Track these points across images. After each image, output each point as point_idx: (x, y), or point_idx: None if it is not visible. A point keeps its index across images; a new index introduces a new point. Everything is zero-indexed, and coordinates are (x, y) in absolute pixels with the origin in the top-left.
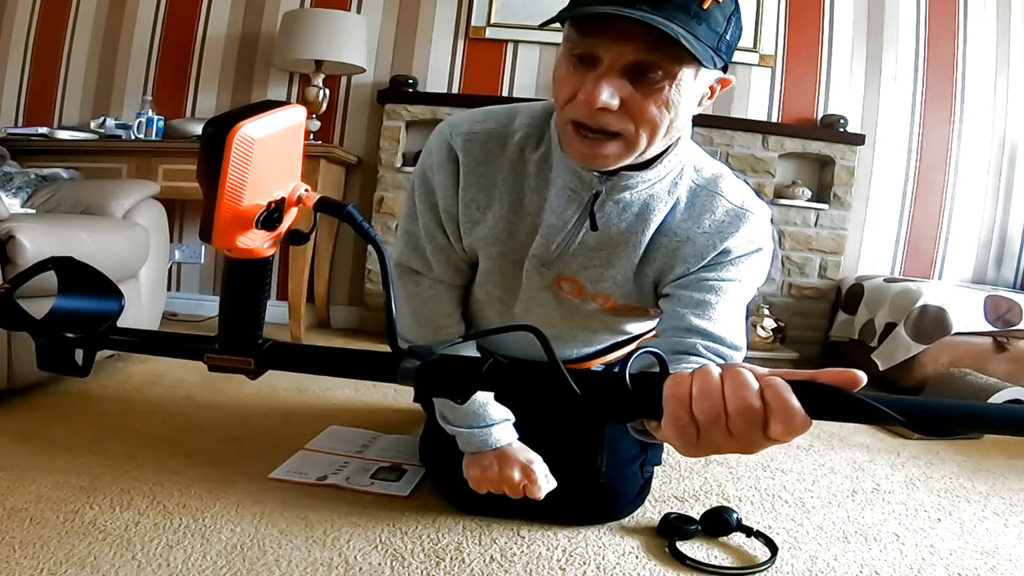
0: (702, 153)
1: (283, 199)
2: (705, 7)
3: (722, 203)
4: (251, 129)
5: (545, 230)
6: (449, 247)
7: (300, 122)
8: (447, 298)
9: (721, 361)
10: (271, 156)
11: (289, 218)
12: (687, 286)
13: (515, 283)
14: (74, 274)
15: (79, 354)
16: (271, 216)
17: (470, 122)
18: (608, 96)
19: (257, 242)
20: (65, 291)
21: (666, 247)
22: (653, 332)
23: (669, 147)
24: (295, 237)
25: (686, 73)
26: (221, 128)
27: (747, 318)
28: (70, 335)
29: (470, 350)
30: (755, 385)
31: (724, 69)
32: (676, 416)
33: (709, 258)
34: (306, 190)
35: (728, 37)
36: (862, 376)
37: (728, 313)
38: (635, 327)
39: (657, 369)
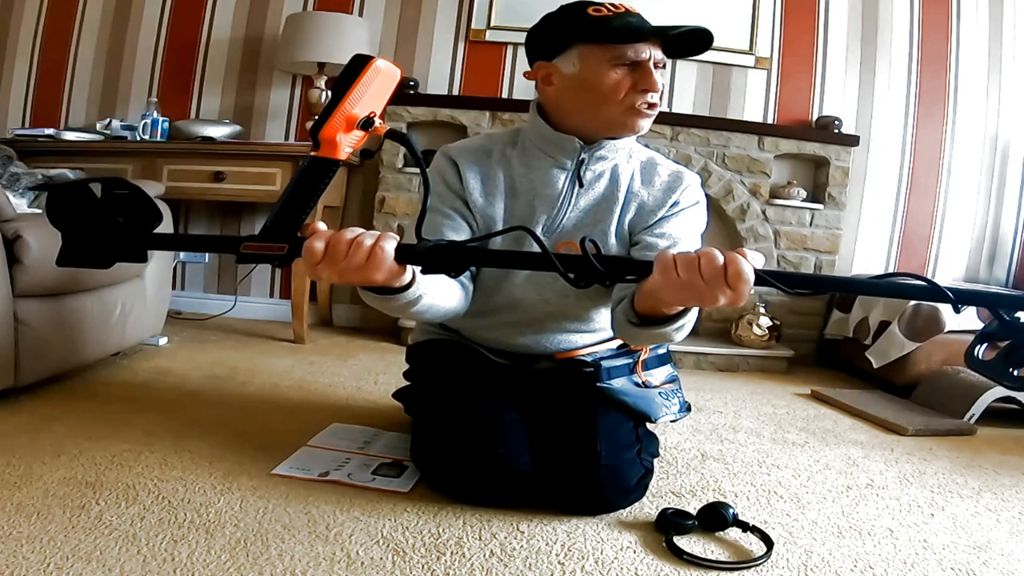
0: (638, 143)
1: (373, 115)
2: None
3: (664, 169)
4: (380, 63)
5: (546, 200)
6: (453, 212)
7: (397, 73)
8: None
9: None
10: (378, 86)
11: (364, 138)
12: (652, 233)
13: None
14: (122, 193)
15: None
16: (367, 123)
17: (458, 144)
18: (662, 82)
19: (345, 143)
20: (112, 204)
21: (635, 203)
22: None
23: None
24: (366, 153)
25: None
26: (365, 57)
27: None
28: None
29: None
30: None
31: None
32: (664, 262)
33: (666, 207)
34: (380, 121)
35: None
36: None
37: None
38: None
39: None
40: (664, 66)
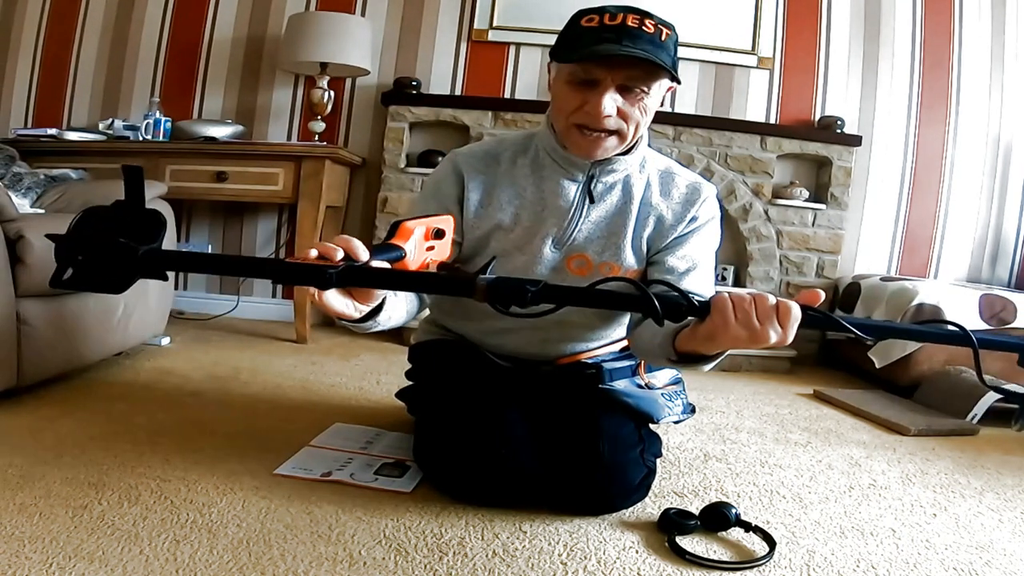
0: (653, 151)
1: (444, 232)
2: (663, 40)
3: (682, 180)
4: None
5: (557, 212)
6: None
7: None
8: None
9: None
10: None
11: (420, 262)
12: (671, 254)
13: (518, 267)
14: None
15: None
16: (438, 233)
17: (468, 149)
18: (610, 108)
19: (416, 237)
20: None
21: (652, 216)
22: (625, 342)
23: (638, 139)
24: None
25: (655, 86)
26: None
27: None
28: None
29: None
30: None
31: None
32: (722, 305)
33: (684, 222)
34: (444, 257)
35: (676, 58)
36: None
37: (704, 278)
38: (620, 326)
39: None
40: (641, 91)
